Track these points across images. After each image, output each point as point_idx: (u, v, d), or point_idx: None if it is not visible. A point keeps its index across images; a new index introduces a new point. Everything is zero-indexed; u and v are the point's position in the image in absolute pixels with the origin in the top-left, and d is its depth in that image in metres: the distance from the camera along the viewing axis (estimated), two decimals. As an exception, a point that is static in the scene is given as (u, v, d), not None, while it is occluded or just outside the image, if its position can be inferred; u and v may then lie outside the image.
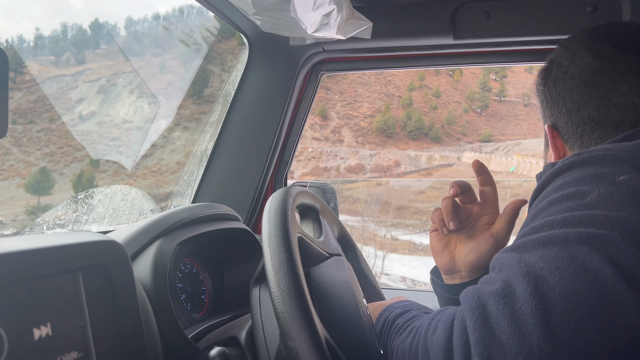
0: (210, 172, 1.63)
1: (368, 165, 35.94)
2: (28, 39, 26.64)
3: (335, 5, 1.19)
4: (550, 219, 0.59)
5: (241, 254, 1.26)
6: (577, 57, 0.81)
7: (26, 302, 0.51)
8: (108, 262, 0.60)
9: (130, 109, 26.94)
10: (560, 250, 0.53)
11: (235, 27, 1.46)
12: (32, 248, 0.51)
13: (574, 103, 0.80)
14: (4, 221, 18.12)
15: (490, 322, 0.52)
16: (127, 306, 0.62)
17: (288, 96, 1.60)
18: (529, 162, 38.81)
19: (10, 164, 23.05)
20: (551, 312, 0.49)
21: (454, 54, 1.52)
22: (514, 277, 0.53)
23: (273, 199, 0.81)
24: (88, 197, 1.24)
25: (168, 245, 0.90)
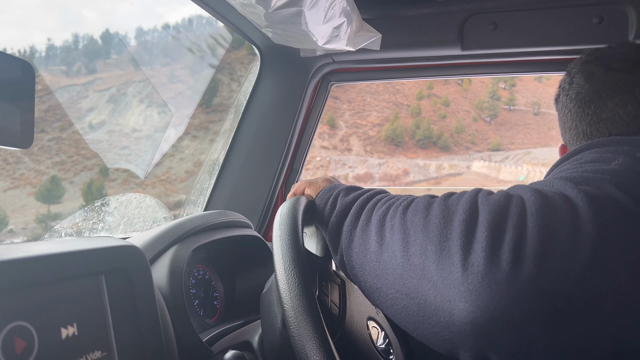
0: (222, 180, 1.66)
1: (377, 174, 35.91)
2: (40, 50, 27.16)
3: (346, 18, 1.22)
4: (579, 169, 0.65)
5: (252, 260, 1.29)
6: (574, 80, 0.90)
7: (54, 303, 0.53)
8: (129, 266, 0.63)
9: (139, 118, 27.16)
10: (595, 189, 0.55)
11: (247, 38, 1.50)
12: (60, 252, 0.54)
13: (573, 121, 0.89)
14: (15, 229, 18.24)
15: (551, 206, 0.53)
16: (146, 308, 0.65)
17: (298, 106, 1.63)
18: (539, 171, 38.61)
19: (22, 172, 23.26)
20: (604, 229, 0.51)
21: (462, 64, 1.54)
22: (563, 188, 0.56)
23: (282, 212, 0.82)
24: (104, 204, 1.27)
25: (183, 251, 0.92)
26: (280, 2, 1.05)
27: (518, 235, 0.51)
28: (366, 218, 0.71)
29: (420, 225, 0.59)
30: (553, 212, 0.52)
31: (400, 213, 0.64)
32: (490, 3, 1.38)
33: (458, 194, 0.61)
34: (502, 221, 0.53)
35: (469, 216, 0.55)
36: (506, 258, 0.50)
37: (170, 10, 51.76)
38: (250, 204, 1.66)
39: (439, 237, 0.56)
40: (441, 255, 0.54)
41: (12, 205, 21.66)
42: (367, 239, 0.68)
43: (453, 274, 0.53)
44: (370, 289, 0.67)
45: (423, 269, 0.56)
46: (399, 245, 0.60)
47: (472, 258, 0.52)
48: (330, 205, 0.81)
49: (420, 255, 0.57)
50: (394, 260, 0.61)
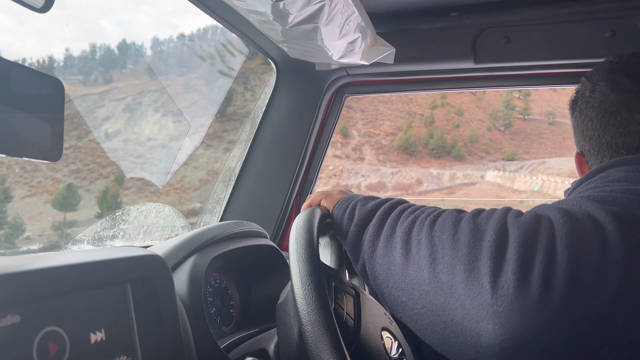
0: (238, 190, 1.69)
1: (389, 183, 35.81)
2: (59, 60, 27.76)
3: (360, 33, 1.25)
4: (607, 188, 0.64)
5: (268, 270, 1.31)
6: (597, 88, 0.87)
7: (84, 310, 0.56)
8: (153, 275, 0.66)
9: (154, 127, 27.43)
10: (622, 210, 0.55)
11: (264, 53, 1.54)
12: (89, 261, 0.57)
13: (595, 131, 0.86)
14: (31, 236, 18.44)
15: (580, 229, 0.53)
16: (168, 315, 0.67)
17: (313, 118, 1.66)
18: (554, 181, 38.23)
19: (39, 180, 23.56)
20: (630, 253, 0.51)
21: (475, 77, 1.56)
22: (591, 209, 0.56)
23: (298, 225, 0.82)
24: (125, 214, 1.31)
25: (202, 260, 0.95)
26: (297, 19, 1.08)
27: (548, 259, 0.51)
28: (390, 229, 0.71)
29: (448, 242, 0.59)
30: (582, 235, 0.52)
31: (427, 228, 0.64)
32: (503, 17, 1.40)
33: (487, 212, 0.61)
34: (532, 244, 0.53)
35: (498, 237, 0.55)
36: (536, 282, 0.50)
37: (185, 21, 52.60)
38: (266, 213, 1.69)
39: (467, 256, 0.56)
40: (470, 275, 0.54)
41: (30, 212, 21.92)
42: (391, 251, 0.68)
43: (482, 295, 0.53)
44: (395, 302, 0.67)
45: (451, 287, 0.56)
46: (426, 261, 0.60)
47: (502, 280, 0.52)
48: (349, 215, 0.81)
49: (448, 273, 0.57)
50: (420, 276, 0.60)
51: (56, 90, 0.75)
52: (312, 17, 1.08)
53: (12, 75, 0.67)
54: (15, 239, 17.60)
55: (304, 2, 1.01)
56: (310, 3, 1.03)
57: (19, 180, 22.17)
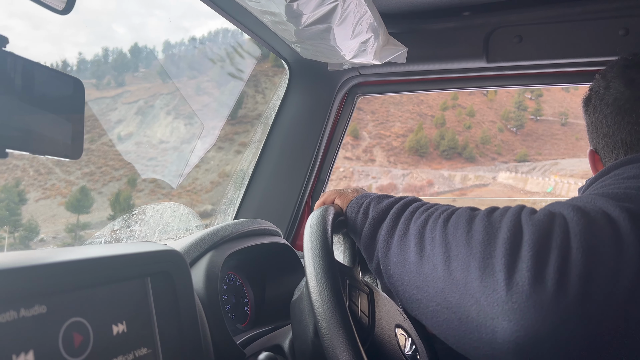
0: (251, 190, 1.71)
1: (400, 185, 35.71)
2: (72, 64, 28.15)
3: (373, 33, 1.26)
4: (622, 185, 0.64)
5: (281, 267, 1.33)
6: (611, 85, 0.87)
7: (107, 302, 0.58)
8: (172, 269, 0.67)
9: (166, 129, 27.64)
10: (636, 207, 0.56)
11: (277, 53, 1.55)
12: (112, 255, 0.59)
13: (609, 128, 0.86)
14: (45, 238, 18.66)
15: (594, 226, 0.53)
16: (187, 309, 0.69)
17: (325, 118, 1.68)
18: (567, 183, 37.88)
19: (53, 182, 23.84)
20: None
21: (487, 76, 1.56)
22: (606, 207, 0.56)
23: (312, 224, 0.83)
24: (141, 213, 1.33)
25: (218, 257, 0.97)
26: (311, 20, 1.09)
27: (563, 256, 0.51)
28: (404, 227, 0.71)
29: (462, 239, 0.59)
30: (596, 232, 0.53)
31: (441, 225, 0.64)
32: (515, 16, 1.40)
33: (501, 210, 0.61)
34: (546, 241, 0.53)
35: (513, 235, 0.55)
36: (551, 279, 0.50)
37: (197, 25, 52.95)
38: (279, 212, 1.70)
39: (482, 253, 0.56)
40: (485, 272, 0.55)
41: (44, 214, 22.17)
42: (405, 249, 0.68)
43: (497, 292, 0.53)
44: (410, 300, 0.67)
45: (466, 284, 0.56)
46: (440, 259, 0.60)
47: (517, 277, 0.52)
48: (363, 213, 0.82)
49: (462, 270, 0.57)
50: (435, 274, 0.61)
51: (77, 90, 0.77)
52: (325, 17, 1.09)
53: (35, 75, 0.69)
54: (29, 240, 17.79)
55: (317, 2, 1.03)
56: (324, 3, 1.04)
57: (33, 183, 22.44)
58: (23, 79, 0.68)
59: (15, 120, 0.66)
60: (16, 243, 17.20)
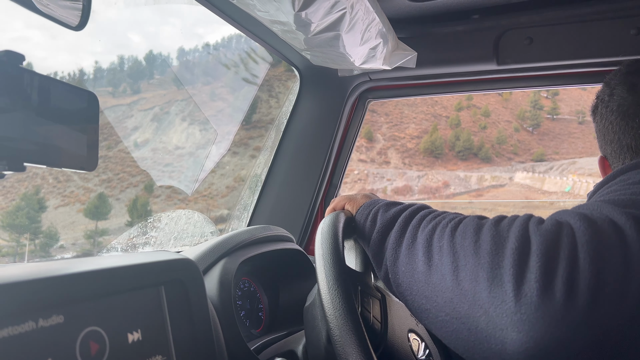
0: (264, 196, 1.73)
1: (416, 186, 35.55)
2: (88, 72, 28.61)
3: (382, 39, 1.26)
4: (627, 191, 0.65)
5: (295, 273, 1.34)
6: (615, 92, 0.89)
7: (122, 311, 0.59)
8: (185, 278, 0.68)
9: (182, 135, 27.87)
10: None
11: (287, 61, 1.57)
12: (126, 265, 0.60)
13: (615, 134, 0.87)
14: (65, 245, 18.94)
15: (601, 235, 0.53)
16: (200, 317, 0.70)
17: (337, 123, 1.69)
18: (586, 182, 37.34)
19: (71, 190, 24.16)
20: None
21: (498, 78, 1.56)
22: (612, 214, 0.56)
23: (323, 230, 0.83)
24: (156, 221, 1.35)
25: (232, 264, 0.98)
26: (319, 28, 1.10)
27: (571, 267, 0.51)
28: (411, 236, 0.71)
29: (470, 249, 0.59)
30: (603, 241, 0.53)
31: (449, 234, 0.64)
32: (525, 18, 1.39)
33: (508, 219, 0.61)
34: (554, 252, 0.53)
35: (521, 245, 0.55)
36: (560, 289, 0.51)
37: (210, 31, 53.38)
38: (292, 218, 1.72)
39: (490, 263, 0.56)
40: (493, 283, 0.55)
41: (63, 221, 22.48)
42: (413, 259, 0.68)
43: (506, 303, 0.53)
44: (419, 310, 0.67)
45: (474, 295, 0.57)
46: (449, 269, 0.61)
47: (525, 288, 0.52)
48: (371, 221, 0.82)
49: (471, 280, 0.57)
50: (444, 284, 0.61)
51: (91, 103, 0.79)
52: (334, 25, 1.10)
53: (51, 90, 0.71)
54: (49, 247, 18.07)
55: (326, 10, 1.04)
56: (332, 12, 1.05)
57: (53, 191, 22.80)
58: (39, 94, 0.70)
59: (32, 135, 0.68)
60: (37, 250, 17.47)
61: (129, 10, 3.32)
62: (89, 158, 0.76)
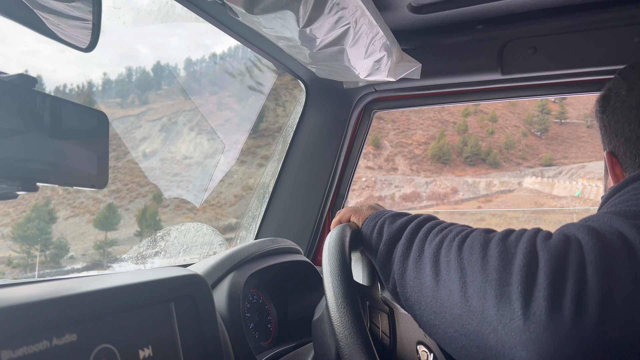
0: (272, 207, 1.74)
1: (424, 193, 35.43)
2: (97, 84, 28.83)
3: (386, 52, 1.28)
4: (637, 201, 0.63)
5: (303, 285, 1.35)
6: (634, 87, 0.84)
7: (133, 328, 0.61)
8: (195, 293, 0.70)
9: (190, 145, 28.03)
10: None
11: (293, 74, 1.58)
12: (137, 282, 0.62)
13: (632, 133, 0.83)
14: (75, 255, 19.07)
15: (609, 250, 0.53)
16: (210, 331, 0.71)
17: (343, 134, 1.70)
18: (596, 186, 37.03)
19: (81, 201, 24.33)
20: None
21: (503, 88, 1.56)
22: (621, 227, 0.55)
23: (330, 245, 0.83)
24: (165, 234, 1.37)
25: (240, 278, 0.99)
26: (324, 43, 1.12)
27: (579, 284, 0.51)
28: (418, 249, 0.71)
29: (478, 265, 0.59)
30: (612, 256, 0.52)
31: (456, 249, 0.63)
32: (529, 28, 1.40)
33: (516, 233, 0.61)
34: (562, 269, 0.53)
35: (529, 261, 0.55)
36: (568, 308, 0.50)
37: (217, 42, 53.75)
38: (300, 229, 1.73)
39: (498, 280, 0.56)
40: (501, 301, 0.54)
41: (73, 232, 22.62)
42: (421, 273, 0.68)
43: (514, 322, 0.53)
44: (428, 324, 0.67)
45: (483, 312, 0.56)
46: (457, 284, 0.60)
47: (534, 307, 0.52)
48: (377, 233, 0.81)
49: (479, 297, 0.57)
50: (452, 300, 0.61)
51: (101, 122, 0.81)
52: (338, 39, 1.12)
53: (62, 111, 0.72)
54: (60, 258, 18.17)
55: (330, 26, 1.05)
56: (336, 27, 1.07)
57: (62, 202, 22.97)
58: (51, 115, 0.72)
59: (44, 155, 0.70)
60: (47, 261, 17.58)
61: (137, 24, 3.35)
62: (99, 176, 0.78)
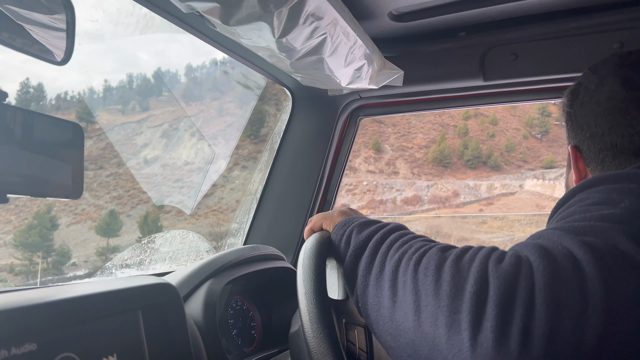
0: (259, 214, 1.75)
1: (425, 196, 35.40)
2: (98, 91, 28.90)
3: (366, 60, 1.29)
4: (586, 214, 0.62)
5: (287, 291, 1.36)
6: (604, 82, 0.82)
7: (97, 336, 0.62)
8: (164, 302, 0.71)
9: (191, 151, 28.08)
10: (602, 243, 0.54)
11: (279, 82, 1.60)
12: (102, 291, 0.63)
13: (598, 128, 0.81)
14: (77, 262, 19.11)
15: (560, 274, 0.52)
16: (179, 341, 0.72)
17: (329, 141, 1.71)
18: (597, 188, 36.67)
19: (83, 207, 24.37)
20: (609, 293, 0.50)
21: (486, 94, 1.57)
22: (571, 246, 0.54)
23: (304, 264, 0.82)
24: (150, 241, 1.38)
25: (217, 285, 1.00)
26: (302, 52, 1.13)
27: (527, 314, 0.51)
28: (380, 264, 0.70)
29: (431, 289, 0.58)
30: (561, 282, 0.52)
31: (412, 269, 0.63)
32: (510, 34, 1.41)
33: (470, 254, 0.60)
34: (511, 297, 0.52)
35: (479, 288, 0.54)
36: (515, 340, 0.50)
37: (200, 52, 53.71)
38: (287, 235, 1.74)
39: (449, 308, 0.55)
40: (451, 329, 0.54)
41: (75, 239, 22.64)
42: (380, 291, 0.67)
43: (462, 352, 0.53)
44: (385, 345, 0.67)
45: (434, 339, 0.56)
46: (411, 308, 0.60)
47: (481, 338, 0.51)
48: (345, 242, 0.80)
49: (431, 324, 0.57)
50: (406, 324, 0.60)
51: (76, 133, 0.83)
52: (316, 49, 1.13)
53: (34, 124, 0.74)
54: (62, 265, 18.16)
55: (306, 36, 1.07)
56: (313, 37, 1.08)
57: (65, 209, 23.02)
58: (23, 128, 0.73)
59: (16, 167, 0.71)
60: (49, 268, 17.59)
61: (137, 30, 3.33)
62: (74, 187, 0.79)
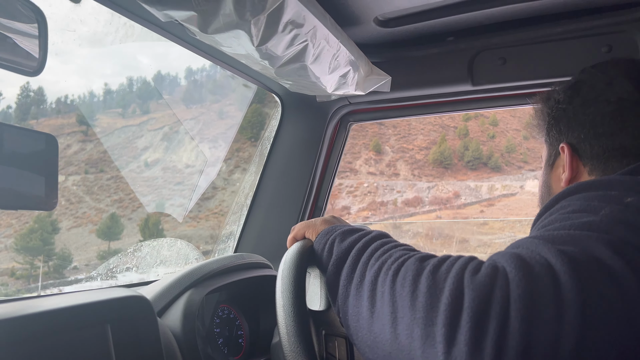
0: (250, 221, 1.74)
1: (426, 197, 35.37)
2: (98, 94, 28.91)
3: (351, 67, 1.28)
4: (566, 222, 0.62)
5: (273, 299, 1.34)
6: (615, 82, 0.81)
7: (62, 350, 0.61)
8: (135, 316, 0.70)
9: (192, 154, 28.09)
10: (580, 252, 0.54)
11: (267, 88, 1.59)
12: (67, 306, 0.62)
13: (607, 128, 0.80)
14: (78, 266, 19.13)
15: (536, 285, 0.51)
16: (151, 352, 0.71)
17: (319, 147, 1.71)
18: (598, 188, 36.63)
19: (84, 211, 24.39)
20: (585, 305, 0.49)
21: (475, 99, 1.57)
22: (548, 256, 0.54)
23: (283, 275, 0.81)
24: (137, 250, 1.37)
25: (197, 295, 0.99)
26: (285, 60, 1.12)
27: (501, 327, 0.50)
28: (360, 274, 0.70)
29: (407, 301, 0.58)
30: (536, 293, 0.51)
31: (390, 280, 0.62)
32: (498, 39, 1.41)
33: (447, 264, 0.60)
34: (485, 309, 0.52)
35: (454, 300, 0.54)
36: (488, 354, 0.49)
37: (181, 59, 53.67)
38: (277, 242, 1.73)
39: (424, 320, 0.55)
40: (426, 342, 0.54)
41: (76, 243, 22.64)
42: (360, 301, 0.67)
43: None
44: (364, 356, 0.66)
45: (410, 352, 0.56)
46: (388, 319, 0.60)
47: (455, 351, 0.51)
48: (327, 252, 0.79)
49: (407, 336, 0.56)
50: (384, 335, 0.60)
51: (50, 145, 0.82)
52: (298, 56, 1.13)
53: (4, 136, 0.73)
54: (63, 269, 18.15)
55: (287, 43, 1.06)
56: (294, 44, 1.07)
57: (65, 212, 23.02)
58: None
59: (-15, 180, 0.71)
60: (50, 272, 17.58)
61: (136, 33, 3.31)
62: (47, 198, 0.79)
